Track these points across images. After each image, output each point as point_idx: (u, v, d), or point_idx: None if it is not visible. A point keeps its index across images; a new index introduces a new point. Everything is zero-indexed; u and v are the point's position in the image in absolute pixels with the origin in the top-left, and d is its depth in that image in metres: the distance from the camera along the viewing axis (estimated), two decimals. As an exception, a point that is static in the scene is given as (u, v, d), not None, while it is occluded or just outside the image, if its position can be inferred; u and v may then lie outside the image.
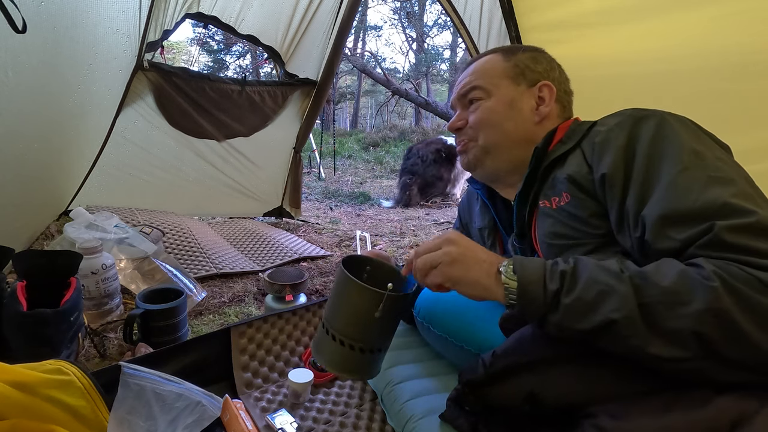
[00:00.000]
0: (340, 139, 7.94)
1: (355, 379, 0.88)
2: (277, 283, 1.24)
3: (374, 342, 0.66)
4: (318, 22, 2.25)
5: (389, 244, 2.33)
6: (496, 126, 0.76)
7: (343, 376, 0.78)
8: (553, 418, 0.57)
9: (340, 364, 0.67)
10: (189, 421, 0.74)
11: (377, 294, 0.62)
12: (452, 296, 0.93)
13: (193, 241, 1.85)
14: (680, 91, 1.20)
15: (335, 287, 0.69)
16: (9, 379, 0.60)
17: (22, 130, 1.25)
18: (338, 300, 0.67)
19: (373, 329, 0.65)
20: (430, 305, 0.93)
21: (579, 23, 1.35)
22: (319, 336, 0.69)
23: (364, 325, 0.65)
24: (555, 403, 0.55)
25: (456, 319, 0.87)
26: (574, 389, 0.54)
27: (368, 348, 0.66)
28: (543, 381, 0.57)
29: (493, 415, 0.64)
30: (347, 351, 0.65)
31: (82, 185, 1.93)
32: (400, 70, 15.19)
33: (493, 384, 0.61)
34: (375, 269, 0.76)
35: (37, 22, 1.06)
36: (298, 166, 2.65)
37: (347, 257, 0.71)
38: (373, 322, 0.63)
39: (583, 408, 0.53)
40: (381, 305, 0.62)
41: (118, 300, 1.29)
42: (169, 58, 11.66)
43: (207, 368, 0.94)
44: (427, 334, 0.94)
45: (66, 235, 1.37)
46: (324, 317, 0.69)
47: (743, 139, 1.12)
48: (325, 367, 0.68)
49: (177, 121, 2.10)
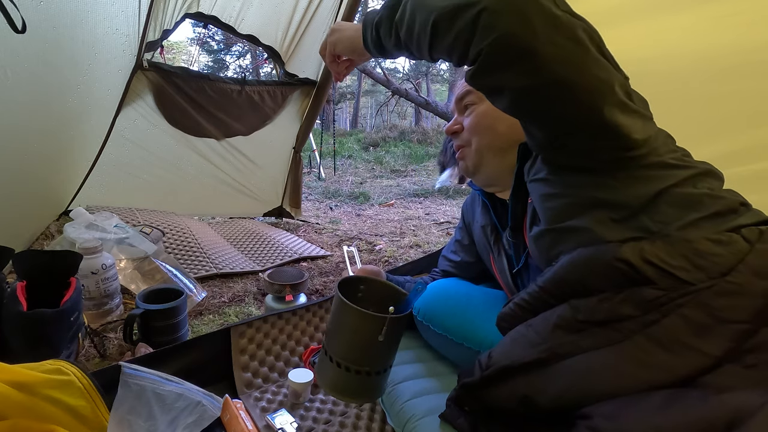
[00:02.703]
0: (340, 139, 7.93)
1: (362, 403, 0.85)
2: (277, 283, 1.24)
3: (379, 364, 0.66)
4: (318, 21, 2.25)
5: (389, 244, 2.33)
6: (488, 129, 0.79)
7: (349, 401, 0.77)
8: (550, 418, 0.57)
9: (346, 390, 0.66)
10: (189, 421, 0.74)
11: (380, 318, 0.62)
12: (452, 295, 0.94)
13: (193, 241, 1.85)
14: (678, 90, 1.20)
15: (334, 313, 0.68)
16: (9, 379, 0.60)
17: (22, 130, 1.25)
18: (339, 326, 0.66)
19: (376, 352, 0.65)
20: (430, 304, 0.94)
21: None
22: (321, 362, 0.68)
23: (367, 349, 0.64)
24: (550, 405, 0.55)
25: (455, 316, 0.88)
26: (568, 390, 0.54)
27: (374, 370, 0.65)
28: (536, 383, 0.56)
29: (493, 415, 0.64)
30: (352, 376, 0.65)
31: (82, 185, 1.93)
32: (400, 70, 15.16)
33: (488, 387, 0.62)
34: (369, 287, 0.76)
35: (37, 22, 1.06)
36: (298, 166, 2.65)
37: (341, 281, 0.71)
38: (377, 345, 0.63)
39: (578, 408, 0.52)
40: (384, 329, 0.62)
41: (118, 300, 1.29)
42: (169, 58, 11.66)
43: (207, 368, 0.94)
44: (427, 333, 0.95)
45: (66, 235, 1.37)
46: (324, 343, 0.69)
47: (741, 138, 1.13)
48: (330, 393, 0.67)
49: (177, 120, 2.10)
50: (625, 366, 0.51)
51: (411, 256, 2.08)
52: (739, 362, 0.47)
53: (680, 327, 0.49)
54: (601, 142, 0.55)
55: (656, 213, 0.53)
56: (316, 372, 0.70)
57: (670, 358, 0.49)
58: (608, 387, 0.51)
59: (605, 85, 0.52)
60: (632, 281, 0.52)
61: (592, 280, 0.55)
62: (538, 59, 0.49)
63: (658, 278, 0.51)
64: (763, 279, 0.49)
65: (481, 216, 0.94)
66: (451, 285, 0.99)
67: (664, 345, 0.49)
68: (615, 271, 0.52)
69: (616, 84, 0.53)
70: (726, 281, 0.49)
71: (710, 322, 0.48)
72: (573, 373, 0.54)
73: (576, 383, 0.53)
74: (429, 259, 1.48)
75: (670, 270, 0.50)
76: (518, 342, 0.60)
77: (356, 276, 0.78)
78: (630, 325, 0.51)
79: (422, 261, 1.50)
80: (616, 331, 0.52)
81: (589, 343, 0.53)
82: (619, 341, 0.52)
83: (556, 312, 0.57)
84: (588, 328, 0.54)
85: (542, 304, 0.60)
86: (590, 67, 0.51)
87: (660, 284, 0.50)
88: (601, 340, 0.53)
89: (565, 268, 0.57)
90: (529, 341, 0.58)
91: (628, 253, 0.52)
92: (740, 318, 0.48)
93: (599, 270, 0.54)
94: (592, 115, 0.52)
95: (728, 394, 0.45)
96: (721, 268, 0.50)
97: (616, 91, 0.52)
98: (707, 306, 0.49)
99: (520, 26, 0.48)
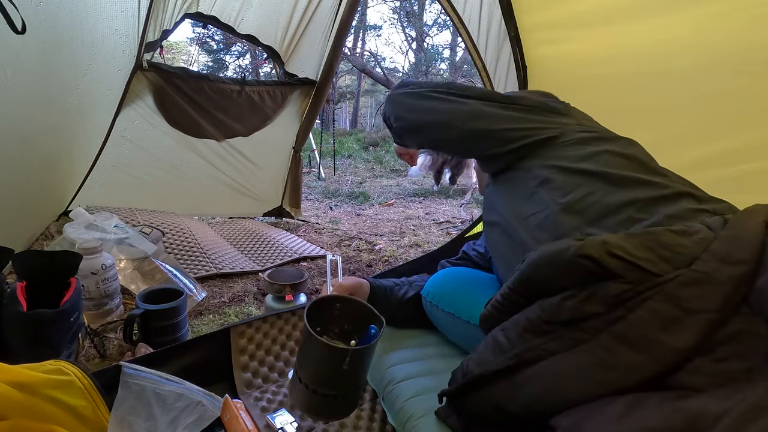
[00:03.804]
0: (339, 139, 7.93)
1: (333, 421, 0.85)
2: (277, 283, 1.24)
3: (345, 388, 0.66)
4: (317, 21, 2.25)
5: (389, 243, 2.33)
6: None
7: (320, 420, 0.77)
8: (530, 424, 0.55)
9: (314, 410, 0.67)
10: (189, 421, 0.74)
11: (342, 351, 0.62)
12: (461, 276, 0.97)
13: (193, 241, 1.85)
14: (677, 89, 1.20)
15: (302, 337, 0.68)
16: (9, 379, 0.60)
17: (22, 130, 1.25)
18: (304, 352, 0.67)
19: (342, 379, 0.65)
20: (440, 285, 0.96)
21: (577, 23, 1.35)
22: (292, 382, 0.69)
23: (333, 376, 0.64)
24: (522, 413, 0.54)
25: (463, 295, 0.90)
26: (536, 398, 0.53)
27: (341, 394, 0.65)
28: (506, 392, 0.56)
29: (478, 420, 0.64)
30: (319, 398, 0.65)
31: (81, 185, 1.93)
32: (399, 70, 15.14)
33: (465, 396, 0.61)
34: (345, 306, 0.75)
35: (37, 23, 1.06)
36: (297, 166, 2.65)
37: (311, 304, 0.70)
38: (342, 372, 0.63)
39: (550, 416, 0.51)
40: (347, 359, 0.62)
41: (118, 300, 1.29)
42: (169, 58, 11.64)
43: (207, 368, 0.94)
44: (435, 313, 0.96)
45: (66, 235, 1.37)
46: (295, 363, 0.69)
47: (741, 137, 1.13)
48: (301, 411, 0.68)
49: (176, 120, 2.10)
50: (589, 369, 0.49)
51: (411, 256, 2.08)
52: (710, 355, 0.45)
53: (647, 322, 0.47)
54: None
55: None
56: (288, 389, 0.70)
57: (637, 356, 0.47)
58: (574, 393, 0.50)
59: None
60: (597, 277, 0.50)
61: (556, 279, 0.54)
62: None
63: (624, 271, 0.49)
64: (729, 265, 0.47)
65: None
66: (461, 269, 1.03)
67: (630, 343, 0.48)
68: (578, 267, 0.51)
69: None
70: (691, 270, 0.48)
71: (678, 314, 0.47)
72: (540, 380, 0.52)
73: (543, 390, 0.52)
74: (428, 259, 1.49)
75: (635, 261, 0.49)
76: (490, 348, 0.59)
77: (331, 295, 0.78)
78: (595, 324, 0.50)
79: (422, 260, 1.50)
80: (581, 331, 0.51)
81: (555, 345, 0.52)
82: (584, 341, 0.50)
83: (525, 314, 0.57)
84: (554, 329, 0.53)
85: (513, 305, 0.59)
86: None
87: (627, 277, 0.49)
88: (566, 342, 0.52)
89: (530, 267, 0.56)
90: (500, 347, 0.58)
91: (590, 249, 0.51)
92: (709, 307, 0.46)
93: (562, 268, 0.53)
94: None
95: (687, 401, 0.43)
96: (685, 258, 0.49)
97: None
98: (675, 297, 0.47)
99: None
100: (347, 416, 0.72)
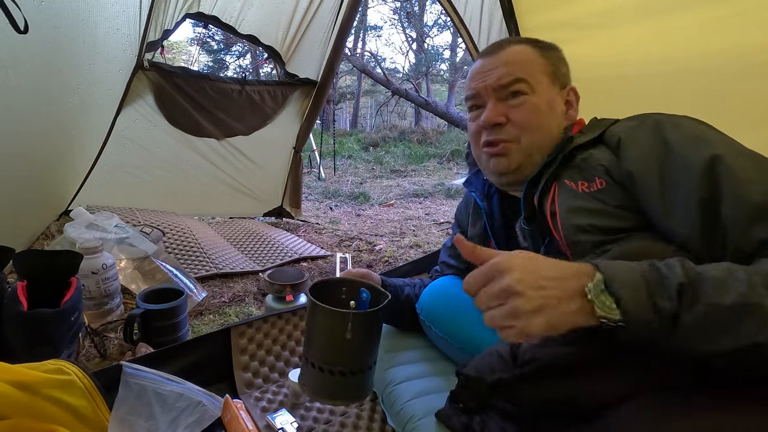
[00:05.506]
0: (340, 139, 7.93)
1: (344, 405, 0.84)
2: (278, 283, 1.24)
3: (353, 363, 0.65)
4: (318, 22, 2.25)
5: (389, 244, 2.33)
6: (542, 127, 0.71)
7: (330, 403, 0.76)
8: (550, 416, 0.56)
9: (325, 391, 0.66)
10: (190, 421, 0.75)
11: (343, 314, 0.62)
12: (453, 297, 0.92)
13: (194, 241, 1.85)
14: (681, 91, 1.20)
15: (306, 315, 0.68)
16: (10, 378, 0.60)
17: (23, 129, 1.25)
18: (309, 327, 0.67)
19: (348, 351, 0.65)
20: (432, 303, 0.92)
21: (579, 24, 1.35)
22: (303, 367, 0.69)
23: (338, 348, 0.64)
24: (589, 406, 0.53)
25: (456, 321, 0.87)
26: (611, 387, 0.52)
27: (348, 370, 0.65)
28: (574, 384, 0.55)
29: (488, 414, 0.64)
30: (328, 377, 0.64)
31: (82, 185, 1.94)
32: (400, 70, 15.16)
33: (525, 383, 0.60)
34: (351, 288, 0.75)
35: (38, 22, 1.06)
36: (298, 166, 2.65)
37: (316, 282, 0.70)
38: (346, 343, 0.62)
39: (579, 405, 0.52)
40: (349, 324, 0.61)
41: (119, 300, 1.29)
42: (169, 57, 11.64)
43: (207, 368, 0.94)
44: (429, 333, 0.95)
45: (66, 235, 1.37)
46: (303, 348, 0.69)
47: (744, 139, 1.13)
48: (312, 396, 0.67)
49: (177, 119, 2.10)
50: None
51: (411, 256, 2.08)
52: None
53: None
54: None
55: None
56: (300, 378, 0.70)
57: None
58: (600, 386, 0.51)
59: None
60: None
61: None
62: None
63: None
64: None
65: (470, 226, 0.90)
66: (453, 285, 0.94)
67: None
68: None
69: None
70: None
71: None
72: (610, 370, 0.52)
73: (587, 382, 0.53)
74: (429, 259, 1.49)
75: None
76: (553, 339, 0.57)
77: (337, 278, 0.77)
78: None
79: (422, 261, 1.50)
80: None
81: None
82: None
83: None
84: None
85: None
86: None
87: None
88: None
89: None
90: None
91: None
92: None
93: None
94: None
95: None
96: None
97: None
98: None
99: None
100: (359, 401, 0.71)
